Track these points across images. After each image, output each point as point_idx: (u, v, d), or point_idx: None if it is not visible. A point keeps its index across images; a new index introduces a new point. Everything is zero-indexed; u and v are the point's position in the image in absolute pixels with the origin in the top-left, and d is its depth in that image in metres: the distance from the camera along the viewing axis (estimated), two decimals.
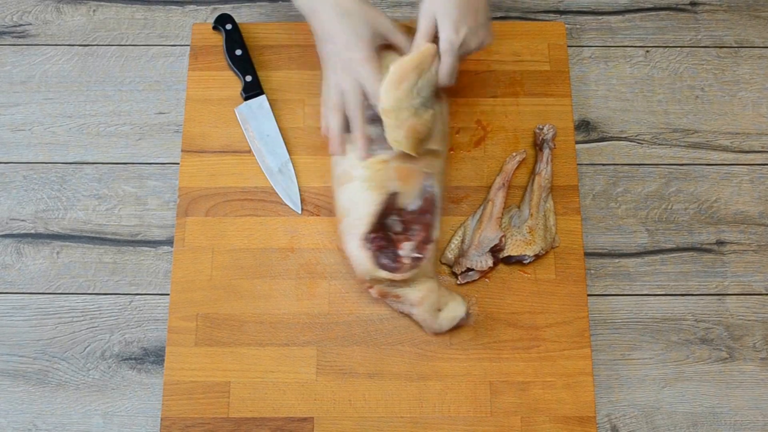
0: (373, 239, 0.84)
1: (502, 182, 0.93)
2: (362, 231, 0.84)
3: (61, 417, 0.89)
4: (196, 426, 0.86)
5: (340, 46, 0.84)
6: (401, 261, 0.84)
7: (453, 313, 0.86)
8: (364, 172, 0.85)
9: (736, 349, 0.92)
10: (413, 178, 0.85)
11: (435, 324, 0.86)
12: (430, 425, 0.87)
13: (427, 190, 0.86)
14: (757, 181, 0.99)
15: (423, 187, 0.86)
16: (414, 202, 0.86)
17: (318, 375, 0.88)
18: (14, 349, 0.92)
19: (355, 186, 0.85)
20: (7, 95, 1.02)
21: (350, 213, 0.85)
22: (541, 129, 0.95)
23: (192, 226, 0.93)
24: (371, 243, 0.84)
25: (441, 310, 0.86)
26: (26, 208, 0.97)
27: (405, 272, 0.83)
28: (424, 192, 0.86)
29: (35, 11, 1.06)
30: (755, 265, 0.96)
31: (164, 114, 1.01)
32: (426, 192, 0.86)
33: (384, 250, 0.84)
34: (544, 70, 1.00)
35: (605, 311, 0.93)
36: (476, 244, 0.89)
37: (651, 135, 1.01)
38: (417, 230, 0.85)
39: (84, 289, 0.94)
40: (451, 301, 0.86)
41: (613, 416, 0.90)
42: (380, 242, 0.84)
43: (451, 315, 0.86)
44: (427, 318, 0.85)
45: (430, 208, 0.86)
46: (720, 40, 1.06)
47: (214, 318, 0.90)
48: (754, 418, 0.90)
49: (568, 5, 1.07)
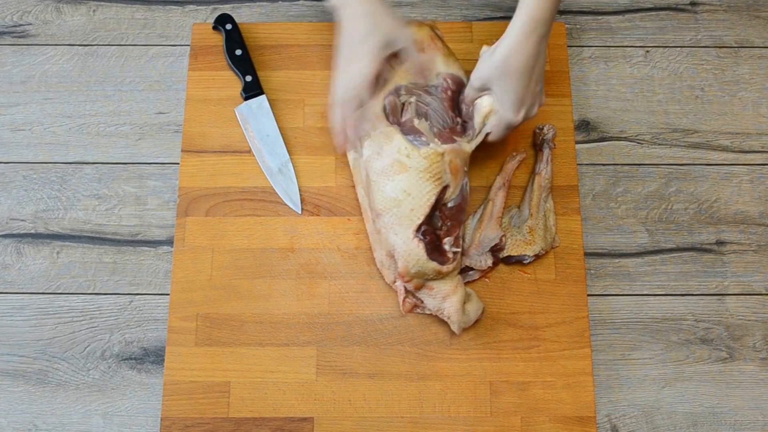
0: (424, 231, 0.84)
1: (502, 182, 0.93)
2: (417, 222, 0.83)
3: (61, 417, 0.89)
4: (196, 426, 0.86)
5: (356, 39, 0.84)
6: (447, 255, 0.85)
7: (476, 305, 0.87)
8: (422, 162, 0.84)
9: (736, 349, 0.92)
10: (459, 174, 0.86)
11: (463, 316, 0.86)
12: (430, 425, 0.87)
13: (464, 188, 0.88)
14: (757, 181, 0.99)
15: (463, 185, 0.87)
16: (456, 198, 0.86)
17: (318, 375, 0.88)
18: (14, 349, 0.92)
19: (410, 176, 0.84)
20: (7, 95, 1.02)
21: (402, 204, 0.84)
22: (541, 129, 0.95)
23: (192, 226, 0.93)
24: (424, 235, 0.84)
25: (466, 302, 0.87)
26: (26, 208, 0.97)
27: (450, 265, 0.84)
28: (463, 190, 0.87)
29: (35, 11, 1.06)
30: (755, 265, 0.96)
31: (164, 114, 1.01)
32: (464, 190, 0.88)
33: (433, 243, 0.84)
34: (545, 70, 1.00)
35: (605, 311, 0.93)
36: (476, 244, 0.89)
37: (651, 135, 1.01)
38: (451, 226, 0.86)
39: (84, 289, 0.94)
40: (471, 295, 0.88)
41: (613, 416, 0.90)
42: (431, 235, 0.84)
43: (475, 307, 0.87)
44: (459, 308, 0.86)
45: (463, 207, 0.88)
46: (720, 40, 1.06)
47: (214, 318, 0.90)
48: (754, 418, 0.90)
49: (568, 5, 1.07)
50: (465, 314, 0.86)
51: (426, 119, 0.88)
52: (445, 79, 0.90)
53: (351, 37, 0.85)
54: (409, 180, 0.84)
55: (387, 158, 0.85)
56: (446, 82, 0.90)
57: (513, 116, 0.85)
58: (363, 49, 0.84)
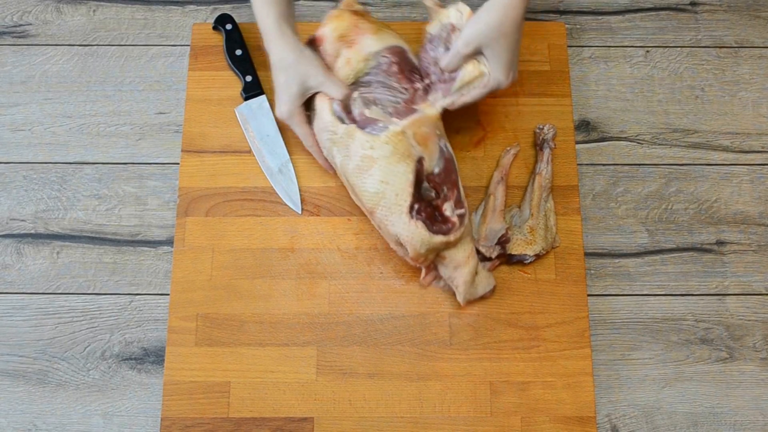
0: (419, 209, 0.84)
1: (500, 176, 0.93)
2: (407, 205, 0.83)
3: (61, 417, 0.89)
4: (196, 426, 0.86)
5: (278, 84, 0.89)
6: (450, 221, 0.84)
7: (486, 280, 0.88)
8: (387, 148, 0.83)
9: (736, 349, 0.92)
10: (431, 140, 0.86)
11: (472, 287, 0.86)
12: (430, 425, 0.87)
13: (444, 150, 0.87)
14: (757, 181, 0.99)
15: (440, 148, 0.86)
16: (437, 164, 0.86)
17: (318, 375, 0.88)
18: (14, 349, 0.92)
19: (381, 166, 0.84)
20: (7, 95, 1.02)
21: (386, 194, 0.84)
22: (542, 129, 0.95)
23: (192, 226, 0.93)
24: (419, 213, 0.84)
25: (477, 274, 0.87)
26: (26, 208, 0.97)
27: (458, 230, 0.84)
28: (443, 152, 0.87)
29: (35, 11, 1.06)
30: (755, 265, 0.96)
31: (164, 114, 1.01)
32: (444, 152, 0.87)
33: (431, 218, 0.84)
34: (544, 70, 1.00)
35: (605, 311, 0.93)
36: (483, 238, 0.89)
37: (651, 135, 1.01)
38: (448, 190, 0.86)
39: (84, 289, 0.94)
40: (482, 269, 0.88)
41: (613, 416, 0.90)
42: (426, 210, 0.84)
43: (485, 282, 0.87)
44: (469, 280, 0.86)
45: (451, 167, 0.87)
46: (720, 40, 1.06)
47: (214, 318, 0.90)
48: (754, 418, 0.90)
49: (568, 5, 1.07)
50: (473, 287, 0.86)
51: (375, 104, 0.87)
52: (384, 56, 0.88)
53: (276, 79, 0.89)
54: (381, 169, 0.83)
55: (356, 157, 0.85)
56: (386, 58, 0.88)
57: (504, 78, 0.85)
58: (283, 97, 0.89)
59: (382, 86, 0.88)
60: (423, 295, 0.91)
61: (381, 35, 0.89)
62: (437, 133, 0.87)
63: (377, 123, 0.85)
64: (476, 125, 0.98)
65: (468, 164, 0.96)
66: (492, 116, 0.98)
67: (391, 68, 0.88)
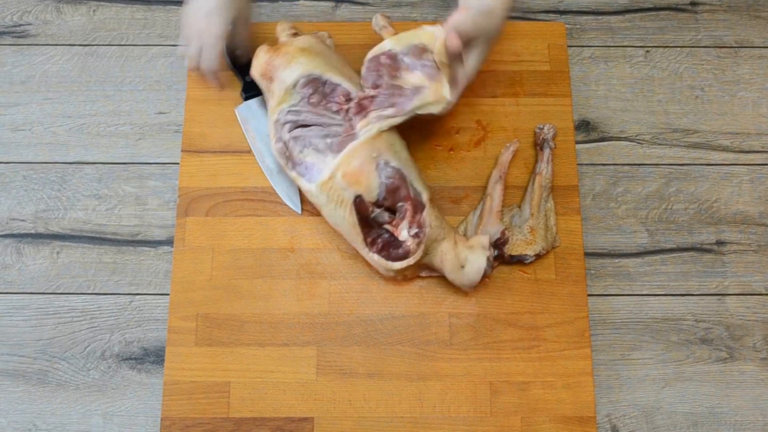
0: (372, 242, 0.86)
1: (498, 175, 0.93)
2: (360, 240, 0.86)
3: (61, 417, 0.89)
4: (196, 426, 0.86)
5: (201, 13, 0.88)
6: (405, 246, 0.85)
7: (475, 266, 0.85)
8: (323, 196, 0.86)
9: (736, 349, 0.92)
10: (363, 174, 0.84)
11: (465, 280, 0.86)
12: (430, 425, 0.87)
13: (384, 173, 0.85)
14: (757, 181, 0.99)
15: (378, 174, 0.84)
16: (380, 192, 0.85)
17: (318, 375, 0.88)
18: (14, 349, 0.92)
19: (326, 212, 0.87)
20: (7, 95, 1.02)
21: (343, 232, 0.88)
22: (542, 129, 0.95)
23: (192, 226, 0.93)
24: (374, 246, 0.86)
25: (464, 266, 0.86)
26: (26, 208, 0.97)
27: (415, 253, 0.85)
28: (382, 176, 0.85)
29: (35, 11, 1.06)
30: (755, 265, 0.96)
31: (164, 114, 1.01)
32: (384, 174, 0.85)
33: (389, 246, 0.86)
34: (544, 70, 1.00)
35: (605, 311, 0.93)
36: None
37: (651, 135, 1.01)
38: (403, 207, 0.86)
39: (84, 289, 0.94)
40: (470, 254, 0.86)
41: (613, 416, 0.90)
42: (383, 239, 0.86)
43: (474, 269, 0.86)
44: (455, 278, 0.86)
45: (398, 184, 0.85)
46: (720, 40, 1.06)
47: (214, 318, 0.90)
48: (754, 418, 0.90)
49: (568, 5, 1.07)
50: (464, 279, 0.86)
51: (308, 146, 0.86)
52: (300, 89, 0.87)
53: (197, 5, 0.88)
54: (328, 215, 0.87)
55: (313, 201, 0.88)
56: (304, 90, 0.87)
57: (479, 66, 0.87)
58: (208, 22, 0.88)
59: (313, 115, 0.87)
60: (423, 295, 0.91)
61: (293, 67, 0.87)
62: (374, 156, 0.84)
63: (313, 167, 0.86)
64: (476, 125, 0.98)
65: (468, 164, 0.96)
66: (492, 116, 0.98)
67: (311, 100, 0.87)
